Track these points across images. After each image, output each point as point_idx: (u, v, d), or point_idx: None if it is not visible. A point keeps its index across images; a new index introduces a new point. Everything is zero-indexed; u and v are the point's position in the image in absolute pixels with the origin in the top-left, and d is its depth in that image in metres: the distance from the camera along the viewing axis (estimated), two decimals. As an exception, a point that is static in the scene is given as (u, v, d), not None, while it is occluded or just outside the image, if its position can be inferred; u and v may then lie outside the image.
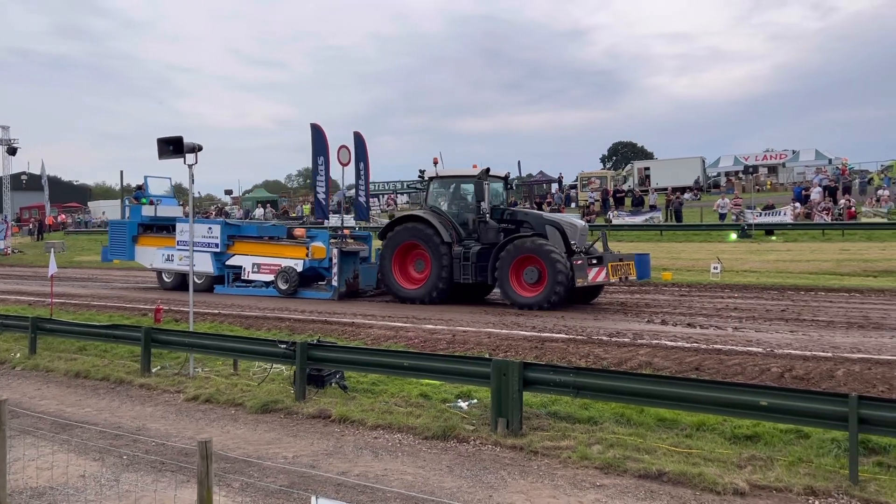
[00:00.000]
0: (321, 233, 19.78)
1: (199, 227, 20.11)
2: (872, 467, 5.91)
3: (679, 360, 9.69)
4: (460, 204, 17.03)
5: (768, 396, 6.13)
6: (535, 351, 10.66)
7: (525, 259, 15.19)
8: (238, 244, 20.12)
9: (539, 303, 14.91)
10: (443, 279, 16.08)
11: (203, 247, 19.83)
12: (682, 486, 5.69)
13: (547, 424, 7.31)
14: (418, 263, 16.83)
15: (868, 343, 10.55)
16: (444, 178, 17.19)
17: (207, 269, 20.03)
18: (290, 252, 19.25)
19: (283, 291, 18.73)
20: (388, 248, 16.89)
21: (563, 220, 16.48)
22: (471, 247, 16.01)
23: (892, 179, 42.71)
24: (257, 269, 19.61)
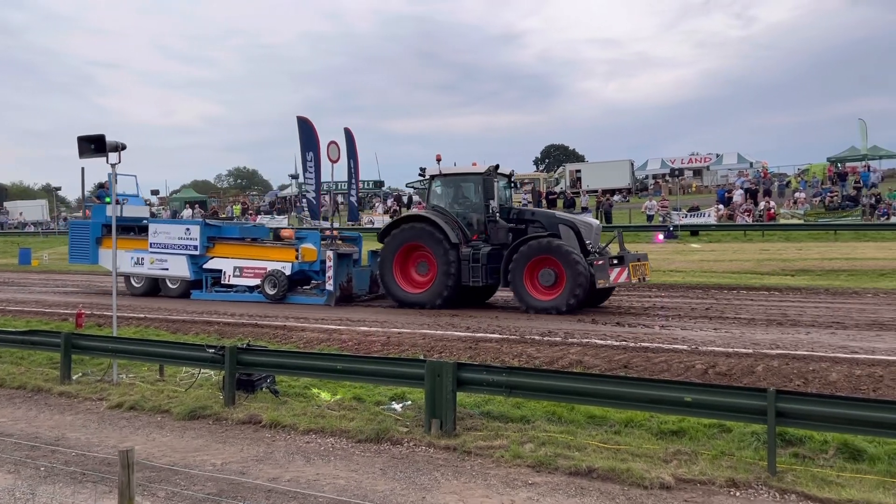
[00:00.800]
0: (311, 234, 18.49)
1: (177, 227, 19.15)
2: (789, 458, 6.18)
3: (608, 358, 9.91)
4: (465, 203, 16.14)
5: (693, 392, 6.33)
6: (469, 351, 10.71)
7: (541, 260, 14.45)
8: (219, 246, 18.82)
9: (557, 306, 14.15)
10: (450, 282, 15.20)
11: (179, 249, 18.71)
12: (611, 482, 5.82)
13: (480, 424, 7.35)
14: (421, 266, 15.98)
15: (785, 339, 11.02)
16: (448, 175, 16.26)
17: (183, 273, 18.79)
18: (277, 255, 18.02)
19: (271, 297, 17.47)
20: (388, 250, 15.95)
21: (577, 219, 15.87)
22: (480, 248, 15.21)
23: (808, 182, 44.82)
24: (239, 273, 18.37)
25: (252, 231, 20.13)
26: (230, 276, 18.44)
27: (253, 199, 60.11)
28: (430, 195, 16.34)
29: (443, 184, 16.32)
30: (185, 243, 18.74)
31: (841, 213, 35.17)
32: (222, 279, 18.56)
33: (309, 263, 17.53)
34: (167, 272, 19.01)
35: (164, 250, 18.89)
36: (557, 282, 14.34)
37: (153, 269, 19.20)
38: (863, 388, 8.19)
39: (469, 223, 15.74)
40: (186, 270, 18.73)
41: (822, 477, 5.75)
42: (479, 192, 15.77)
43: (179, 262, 18.76)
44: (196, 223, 19.67)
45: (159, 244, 18.95)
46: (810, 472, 5.84)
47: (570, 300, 14.05)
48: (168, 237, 18.88)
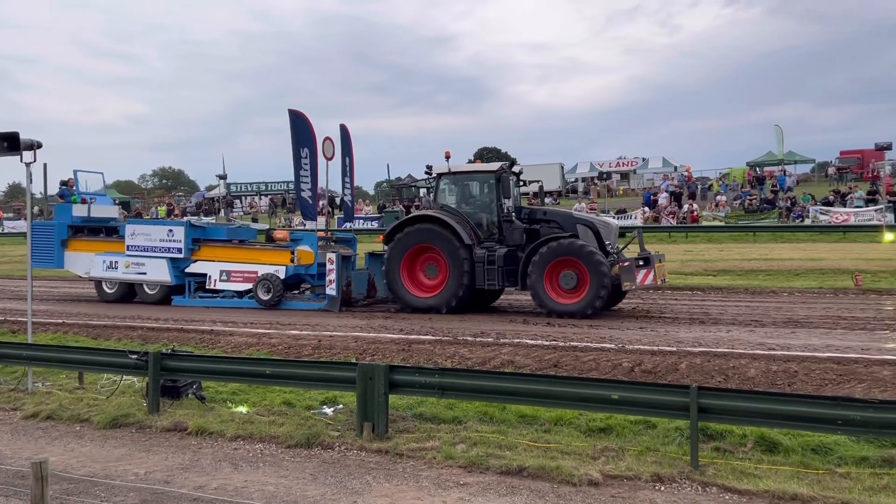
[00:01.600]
0: (307, 235, 17.46)
1: (158, 228, 17.83)
2: (711, 452, 6.40)
3: (539, 358, 10.05)
4: (475, 202, 15.43)
5: (619, 390, 6.49)
6: (402, 353, 10.69)
7: (562, 262, 13.76)
8: (205, 249, 17.49)
9: (581, 310, 13.53)
10: (464, 285, 14.43)
11: (161, 252, 17.32)
12: (542, 480, 5.90)
13: (413, 426, 7.34)
14: (429, 269, 15.14)
15: (707, 337, 11.41)
16: (458, 173, 15.47)
17: (162, 278, 17.38)
18: (271, 257, 16.92)
19: (265, 302, 16.25)
20: (395, 252, 15.03)
21: (596, 219, 15.32)
22: (495, 249, 14.50)
23: (729, 186, 46.63)
24: (227, 278, 17.08)
25: (239, 233, 18.90)
26: (216, 280, 17.19)
27: (179, 201, 58.45)
28: (437, 194, 15.57)
29: (451, 182, 15.58)
30: (168, 246, 17.32)
31: (759, 215, 36.73)
32: (207, 284, 17.30)
33: (305, 267, 16.58)
34: (144, 277, 17.60)
35: (142, 253, 17.47)
36: (579, 285, 13.71)
37: (129, 274, 17.72)
38: (779, 383, 8.55)
39: (479, 223, 15.03)
40: (167, 275, 17.32)
41: (742, 469, 5.98)
42: (490, 191, 15.14)
43: (159, 265, 17.38)
44: (180, 224, 18.17)
45: (138, 247, 17.50)
46: (730, 465, 6.07)
47: (594, 303, 13.50)
48: (148, 239, 17.50)
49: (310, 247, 16.62)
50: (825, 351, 9.92)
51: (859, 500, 5.31)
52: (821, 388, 8.24)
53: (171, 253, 17.30)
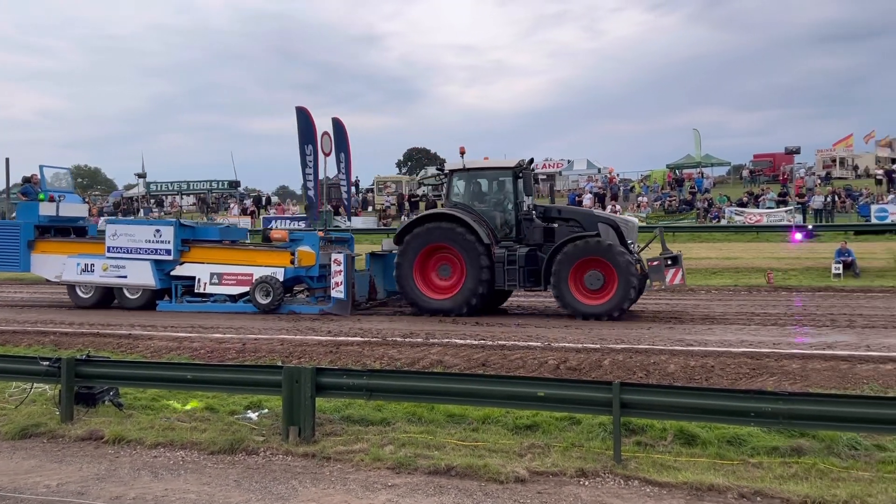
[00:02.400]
0: (308, 235, 16.46)
1: (143, 229, 16.68)
2: (633, 446, 6.58)
3: (468, 357, 10.12)
4: (491, 200, 14.90)
5: (545, 387, 6.59)
6: (329, 356, 10.56)
7: (587, 262, 13.37)
8: (195, 250, 16.41)
9: (608, 311, 13.17)
10: (482, 287, 13.91)
11: (147, 254, 16.20)
12: (469, 479, 5.93)
13: (340, 429, 7.26)
14: (442, 269, 14.54)
15: (630, 334, 11.73)
16: (473, 170, 14.89)
17: (145, 282, 16.25)
18: (268, 259, 15.99)
19: (264, 306, 15.25)
20: (408, 252, 14.44)
21: (617, 218, 15.02)
22: (515, 248, 14.01)
23: (650, 188, 48.12)
24: (218, 281, 16.02)
25: (230, 233, 17.99)
26: (206, 283, 16.10)
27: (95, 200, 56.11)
28: (449, 192, 14.97)
29: (465, 179, 14.99)
30: (155, 247, 16.19)
31: (678, 215, 38.01)
32: (196, 287, 16.20)
33: (306, 268, 15.70)
34: (125, 280, 16.41)
35: (125, 256, 16.30)
36: (605, 285, 13.34)
37: (107, 278, 16.48)
38: (697, 378, 8.87)
39: (493, 222, 14.56)
40: (151, 278, 16.19)
41: (662, 462, 6.17)
42: (507, 188, 14.70)
43: (141, 268, 16.24)
44: (168, 224, 16.98)
45: (120, 248, 16.34)
46: (651, 459, 6.26)
47: (623, 304, 13.19)
48: (132, 240, 16.34)
49: (311, 247, 15.74)
50: (740, 346, 10.35)
51: (770, 488, 5.55)
52: (736, 382, 8.59)
53: (159, 255, 16.20)
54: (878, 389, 7.99)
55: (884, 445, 6.34)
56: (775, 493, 5.46)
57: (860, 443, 6.38)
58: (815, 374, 8.61)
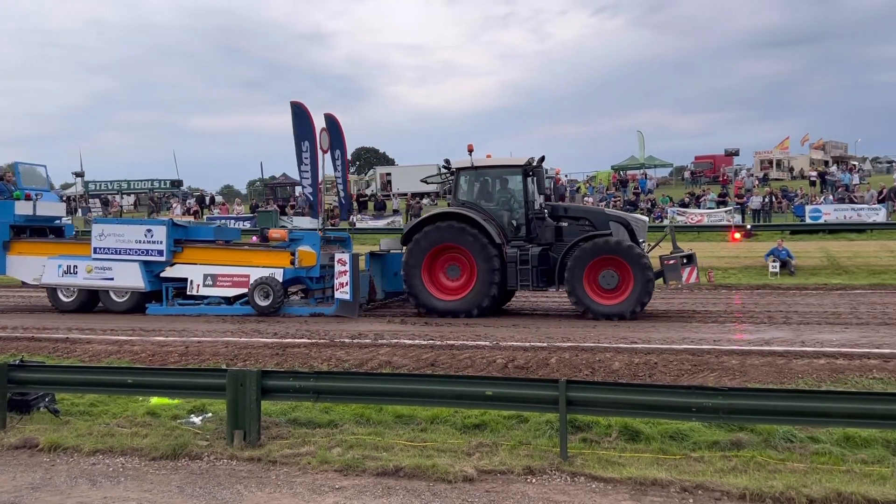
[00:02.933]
0: (308, 234, 15.92)
1: (133, 228, 15.86)
2: (579, 443, 6.67)
3: (416, 357, 10.11)
4: (500, 199, 14.59)
5: (493, 386, 6.63)
6: (276, 358, 10.41)
7: (602, 261, 13.16)
8: (189, 251, 15.68)
9: (625, 311, 12.98)
10: (493, 287, 13.62)
11: (136, 254, 15.42)
12: (418, 479, 5.92)
13: (287, 432, 7.16)
14: (451, 269, 14.16)
15: (576, 333, 11.89)
16: (481, 168, 14.50)
17: (134, 284, 15.43)
18: (266, 259, 15.36)
19: (264, 309, 14.62)
20: (415, 252, 14.05)
21: (629, 216, 14.80)
22: (527, 248, 13.71)
23: (595, 188, 48.94)
24: (212, 282, 15.32)
25: (224, 233, 17.23)
26: (199, 285, 15.39)
27: (31, 199, 54.11)
28: (456, 190, 14.57)
29: (473, 178, 14.60)
30: (146, 248, 15.41)
31: (623, 216, 38.73)
32: (188, 290, 15.49)
33: (307, 269, 15.13)
34: (111, 283, 15.60)
35: (113, 257, 15.50)
36: (620, 284, 13.14)
37: (91, 280, 15.62)
38: (640, 375, 9.04)
39: (502, 221, 14.22)
40: (140, 280, 15.38)
41: (607, 458, 6.28)
42: (516, 187, 14.40)
43: (129, 270, 15.42)
44: (161, 223, 16.15)
45: (108, 249, 15.53)
46: (597, 455, 6.35)
47: (638, 304, 13.02)
48: (120, 240, 15.53)
49: (311, 247, 15.16)
50: (682, 343, 10.60)
51: (711, 481, 5.69)
52: (678, 378, 8.79)
53: (150, 256, 15.44)
54: (811, 383, 8.28)
55: (817, 437, 6.58)
56: (716, 486, 5.60)
57: (795, 435, 6.61)
58: (753, 370, 8.87)
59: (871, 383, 8.23)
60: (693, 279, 13.63)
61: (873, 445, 6.36)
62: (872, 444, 6.40)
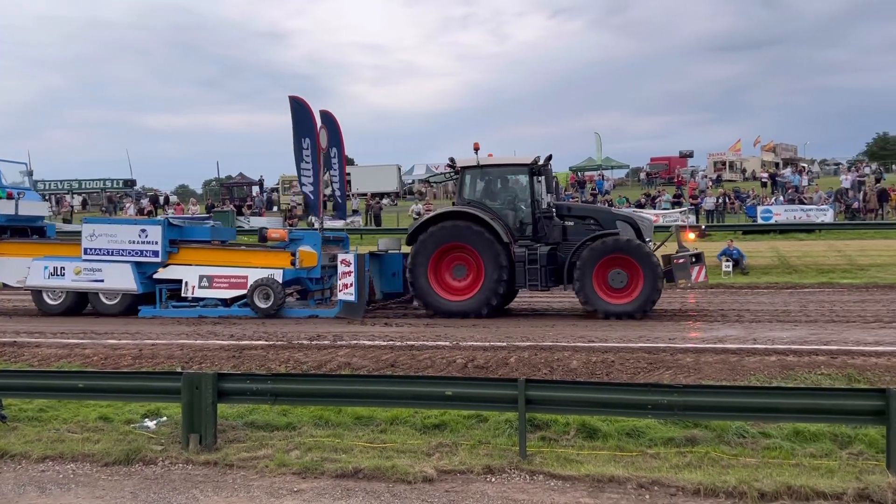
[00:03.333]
0: (309, 234, 15.58)
1: (127, 228, 15.29)
2: (538, 442, 6.72)
3: (376, 358, 10.06)
4: (505, 198, 14.50)
5: (453, 386, 6.64)
6: (232, 360, 10.26)
7: (611, 260, 13.09)
8: (185, 251, 15.20)
9: (635, 310, 12.96)
10: (501, 287, 13.51)
11: (130, 255, 14.90)
12: (377, 481, 5.90)
13: (244, 435, 7.07)
14: (457, 269, 13.94)
15: (535, 332, 11.98)
16: (487, 167, 14.38)
17: (125, 286, 14.90)
18: (265, 260, 14.99)
19: (265, 311, 14.25)
20: (422, 252, 13.79)
21: (635, 215, 14.80)
22: (536, 248, 13.60)
23: (554, 189, 49.39)
24: (208, 284, 14.84)
25: (220, 233, 16.64)
26: (194, 287, 14.90)
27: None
28: (461, 189, 14.37)
29: (479, 176, 14.45)
30: (140, 248, 14.88)
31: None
32: (183, 291, 14.99)
33: (307, 269, 14.80)
34: (101, 285, 15.03)
35: (104, 258, 14.94)
36: (629, 283, 13.09)
37: (80, 282, 15.04)
38: (598, 373, 9.14)
39: (507, 220, 14.09)
40: (132, 282, 14.85)
41: (566, 456, 6.34)
42: (523, 185, 14.34)
43: (121, 271, 14.87)
44: (156, 223, 15.62)
45: (100, 250, 14.95)
46: (555, 453, 6.42)
47: (648, 303, 13.02)
48: (113, 241, 14.97)
49: (312, 247, 14.79)
50: (638, 341, 10.76)
51: (667, 477, 5.80)
52: (634, 376, 8.92)
53: (145, 257, 14.92)
54: (763, 380, 8.48)
55: (768, 433, 6.74)
56: (671, 482, 5.70)
57: (748, 431, 6.77)
58: (707, 367, 9.05)
59: (820, 379, 8.45)
60: (702, 278, 13.71)
61: (821, 439, 6.55)
62: (821, 438, 6.59)
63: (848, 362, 9.02)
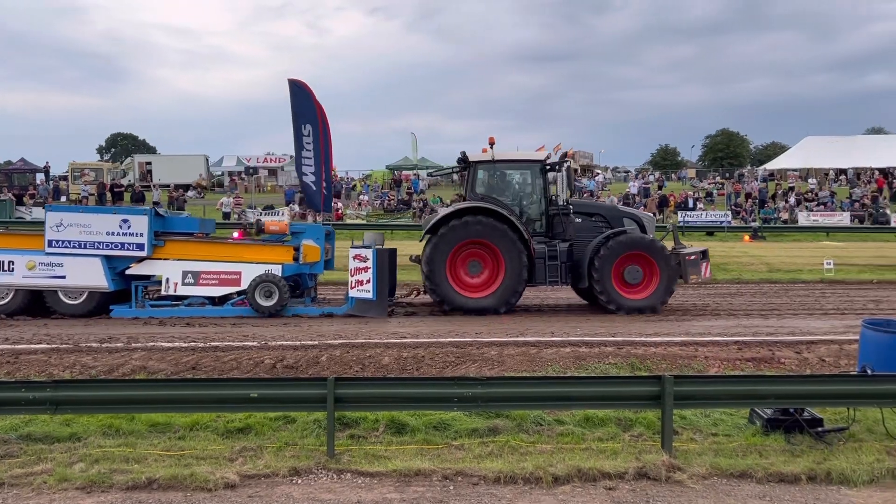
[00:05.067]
0: (311, 227, 14.48)
1: (104, 218, 13.34)
2: (347, 440, 6.68)
3: (175, 361, 9.47)
4: (519, 194, 14.43)
5: (258, 388, 6.41)
6: (7, 367, 9.17)
7: (628, 257, 13.36)
8: (171, 245, 13.62)
9: (652, 305, 13.36)
10: (522, 284, 13.43)
11: (107, 248, 13.18)
12: (174, 490, 5.55)
13: (18, 450, 6.34)
14: (472, 266, 13.66)
15: (347, 330, 11.92)
16: (501, 162, 14.14)
17: (94, 282, 13.17)
18: (262, 254, 13.80)
19: (268, 309, 13.25)
20: (440, 248, 13.40)
21: (640, 213, 15.01)
22: (555, 244, 13.71)
23: (371, 187, 49.61)
24: (193, 280, 13.45)
25: (206, 225, 15.07)
26: (177, 284, 13.45)
27: None
28: (474, 184, 14.13)
29: (492, 171, 14.28)
30: (122, 241, 13.24)
31: (396, 214, 39.70)
32: (164, 289, 13.52)
33: (310, 265, 13.87)
34: (62, 282, 13.12)
35: (68, 251, 13.09)
36: (645, 279, 13.46)
37: (34, 279, 13.04)
38: (409, 369, 9.29)
39: (520, 216, 13.96)
40: (101, 278, 13.14)
41: (374, 453, 6.36)
42: (536, 182, 14.28)
43: (87, 266, 13.08)
44: (141, 212, 13.76)
45: (70, 242, 13.11)
46: (364, 450, 6.41)
47: (665, 298, 13.56)
48: (86, 232, 13.15)
49: (315, 241, 13.92)
50: (448, 336, 11.07)
51: (470, 467, 6.01)
52: (443, 370, 9.16)
53: (128, 250, 13.29)
54: (559, 370, 9.08)
55: (563, 420, 7.22)
56: (474, 472, 5.92)
57: (545, 419, 7.19)
58: (510, 359, 9.51)
59: (608, 368, 9.20)
60: (708, 274, 14.27)
61: (608, 424, 7.13)
62: (607, 422, 7.16)
63: (632, 352, 9.89)
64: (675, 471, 5.91)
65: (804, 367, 9.35)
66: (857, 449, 6.42)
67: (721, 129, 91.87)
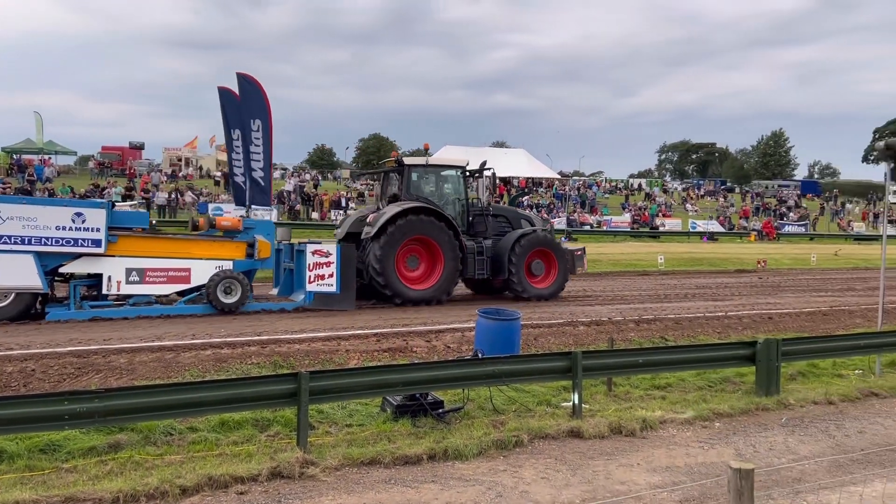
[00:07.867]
0: (261, 223, 14.56)
1: (55, 211, 11.84)
2: None
3: None
4: (448, 195, 16.03)
5: None
6: None
7: (535, 253, 15.69)
8: (124, 241, 12.44)
9: (553, 293, 15.92)
10: (457, 276, 15.20)
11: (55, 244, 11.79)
12: None
13: None
14: (410, 260, 15.04)
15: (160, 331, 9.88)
16: (433, 166, 16.03)
17: (25, 282, 11.64)
18: (212, 250, 13.30)
19: (230, 306, 13.00)
20: (390, 244, 14.38)
21: (533, 216, 18.01)
22: (481, 241, 15.65)
23: None
24: (139, 278, 12.51)
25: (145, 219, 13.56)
26: (120, 283, 12.43)
27: None
28: (408, 185, 15.39)
29: (424, 174, 15.90)
30: (74, 237, 11.89)
31: None
32: (105, 288, 12.35)
33: (262, 261, 13.93)
34: None
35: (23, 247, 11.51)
36: (547, 272, 15.93)
37: None
38: (14, 385, 8.00)
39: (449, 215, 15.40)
40: (35, 277, 11.66)
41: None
42: (461, 184, 16.06)
43: (16, 263, 11.47)
44: (97, 205, 12.53)
45: (9, 237, 11.43)
46: (-59, 489, 5.29)
47: (562, 286, 16.13)
48: (32, 226, 11.58)
49: (266, 237, 14.00)
50: (68, 345, 9.81)
51: (83, 491, 5.32)
52: (58, 384, 8.06)
53: (81, 247, 12.05)
54: (197, 375, 8.61)
55: (196, 427, 6.83)
56: (88, 496, 5.26)
57: (175, 428, 6.73)
58: (141, 367, 8.75)
59: (250, 369, 9.00)
60: (586, 268, 17.20)
61: (245, 427, 6.93)
62: (244, 425, 6.96)
63: (276, 350, 9.84)
64: (309, 466, 5.95)
65: (432, 355, 10.25)
66: (470, 425, 7.17)
67: (373, 133, 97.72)
